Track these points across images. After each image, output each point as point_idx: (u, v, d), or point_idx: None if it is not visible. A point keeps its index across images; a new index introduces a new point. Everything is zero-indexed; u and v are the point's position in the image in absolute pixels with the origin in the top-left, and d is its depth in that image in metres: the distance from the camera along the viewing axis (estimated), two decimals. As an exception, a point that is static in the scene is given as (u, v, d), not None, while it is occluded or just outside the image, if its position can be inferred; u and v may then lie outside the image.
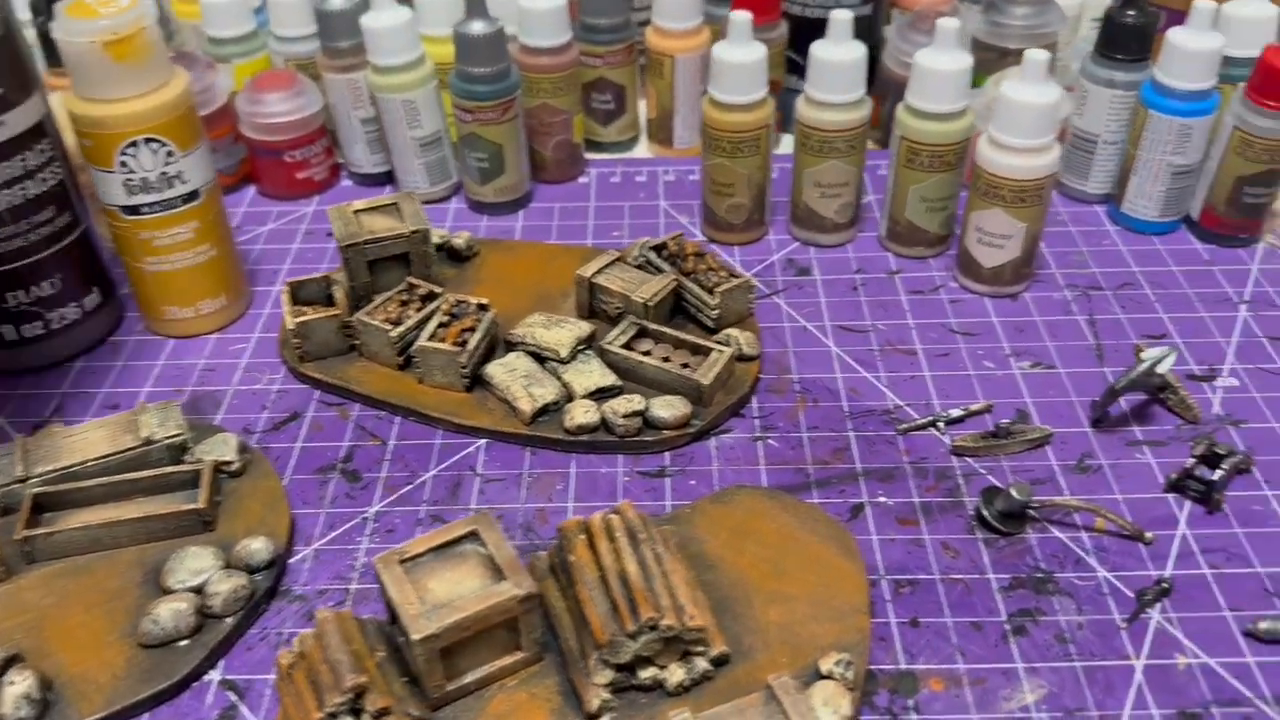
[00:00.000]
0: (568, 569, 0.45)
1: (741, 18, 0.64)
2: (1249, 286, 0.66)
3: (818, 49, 0.64)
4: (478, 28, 0.67)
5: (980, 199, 0.62)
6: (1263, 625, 0.46)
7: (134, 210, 0.59)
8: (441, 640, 0.42)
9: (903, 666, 0.46)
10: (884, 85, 0.76)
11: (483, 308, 0.59)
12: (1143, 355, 0.54)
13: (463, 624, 0.42)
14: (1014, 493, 0.50)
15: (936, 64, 0.62)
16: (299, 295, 0.61)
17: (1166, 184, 0.68)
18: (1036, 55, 0.58)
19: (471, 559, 0.44)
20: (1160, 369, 0.54)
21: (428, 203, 0.75)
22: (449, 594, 0.43)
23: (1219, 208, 0.68)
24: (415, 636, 0.41)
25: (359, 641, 0.44)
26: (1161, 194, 0.68)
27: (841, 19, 0.63)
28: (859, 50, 0.63)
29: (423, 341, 0.57)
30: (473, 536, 0.45)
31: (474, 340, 0.57)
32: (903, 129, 0.64)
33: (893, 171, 0.67)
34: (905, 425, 0.56)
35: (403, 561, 0.44)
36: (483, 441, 0.56)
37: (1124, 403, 0.57)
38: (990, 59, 0.73)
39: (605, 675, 0.43)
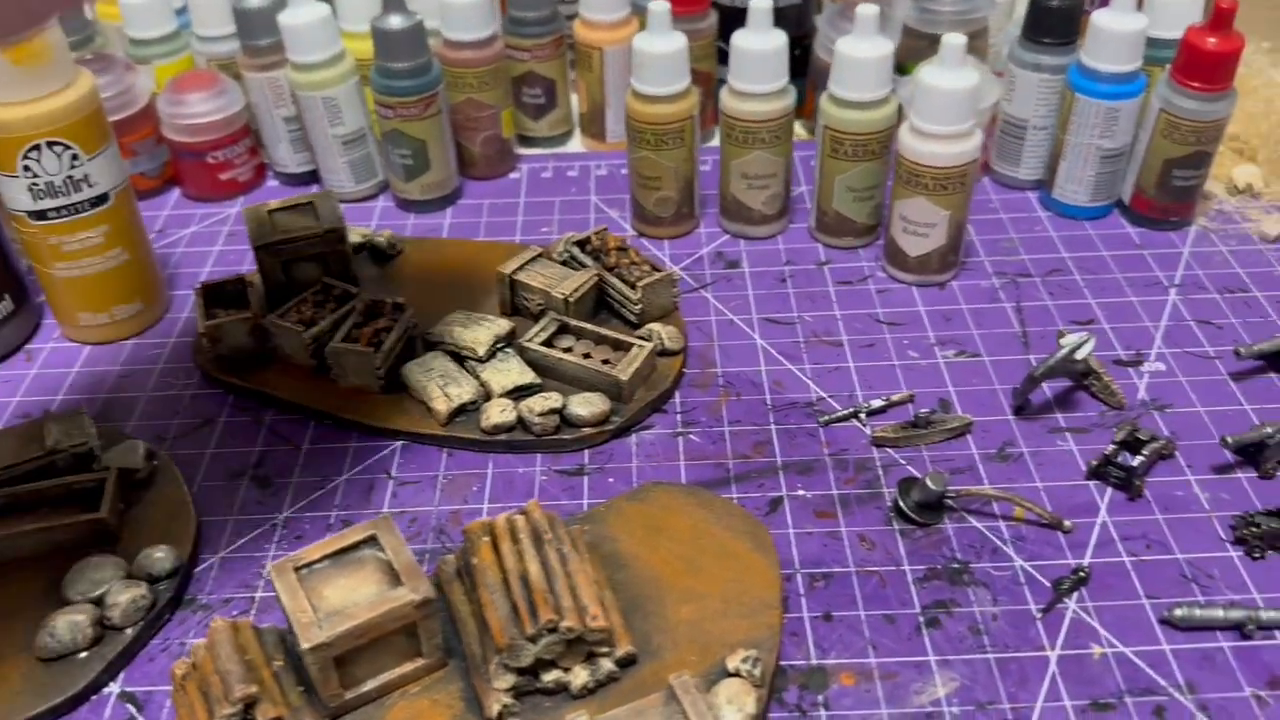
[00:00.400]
0: (471, 572, 0.45)
1: (660, 8, 0.63)
2: (1179, 270, 0.65)
3: (739, 38, 0.63)
4: (395, 22, 0.66)
5: (903, 187, 0.61)
6: (1178, 612, 0.45)
7: (40, 215, 0.58)
8: (334, 648, 0.41)
9: (814, 662, 0.45)
10: (816, 74, 0.76)
11: (399, 307, 0.58)
12: (1062, 341, 0.54)
13: (356, 631, 0.41)
14: (930, 483, 0.49)
15: (857, 51, 0.61)
16: (213, 298, 0.60)
17: (1096, 168, 0.67)
18: (953, 40, 0.58)
19: (369, 564, 0.43)
20: (1080, 355, 0.53)
21: (354, 201, 0.74)
22: (344, 601, 0.42)
23: (1149, 191, 0.67)
24: (306, 645, 0.40)
25: (255, 651, 0.43)
26: (1091, 179, 0.68)
27: (761, 7, 0.62)
28: (780, 39, 0.62)
29: (336, 343, 0.56)
30: (371, 541, 0.44)
31: (389, 340, 0.56)
32: (826, 118, 0.64)
33: (818, 161, 0.66)
34: (827, 417, 0.56)
35: (298, 568, 0.43)
36: (398, 443, 0.55)
37: (1047, 390, 0.57)
38: (921, 46, 0.72)
39: (506, 680, 0.42)
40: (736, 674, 0.43)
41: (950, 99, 0.58)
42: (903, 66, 0.72)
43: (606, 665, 0.43)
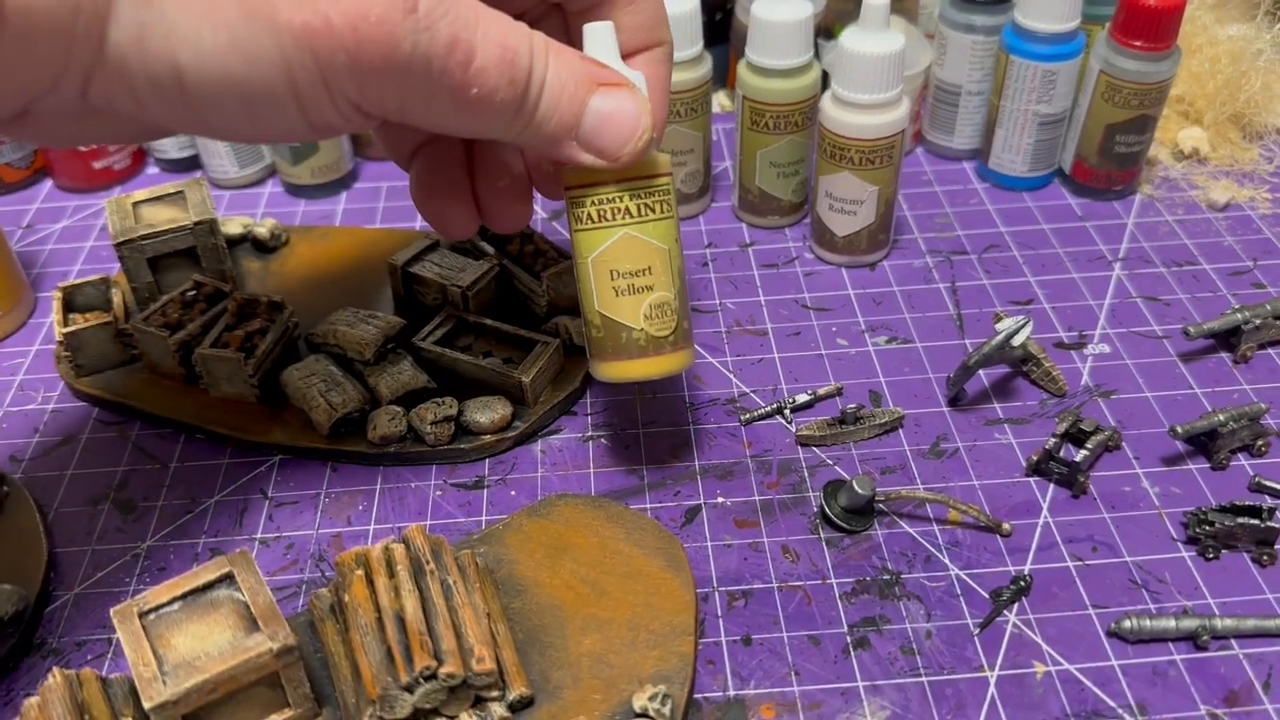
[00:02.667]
0: (343, 610, 0.40)
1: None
2: (1124, 243, 0.62)
3: (647, 2, 0.58)
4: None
5: (828, 162, 0.57)
6: (1126, 624, 0.41)
7: None
8: (182, 706, 0.36)
9: (731, 693, 0.41)
10: (738, 41, 0.71)
11: (276, 306, 0.53)
12: (998, 326, 0.50)
13: (206, 686, 0.36)
14: (857, 487, 0.45)
15: (774, 14, 0.56)
16: (75, 301, 0.54)
17: (1034, 136, 0.63)
18: (876, 1, 0.53)
19: (225, 607, 0.38)
20: (1017, 340, 0.49)
21: (238, 188, 0.68)
22: (193, 650, 0.37)
23: (1090, 159, 0.63)
24: (148, 704, 0.35)
25: (99, 707, 0.38)
26: (1029, 147, 0.64)
27: (670, -32, 0.57)
28: (690, 3, 0.57)
29: (204, 348, 0.50)
30: (228, 580, 0.39)
31: (264, 344, 0.51)
32: (744, 88, 0.59)
33: (739, 135, 0.61)
34: (748, 415, 0.51)
35: (144, 613, 0.38)
36: (276, 459, 0.50)
37: (984, 377, 0.53)
38: (848, 9, 0.67)
39: (381, 733, 0.37)
40: (644, 714, 0.38)
41: (874, 65, 0.53)
42: (830, 30, 0.67)
43: (498, 711, 0.38)
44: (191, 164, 0.69)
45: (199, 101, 0.33)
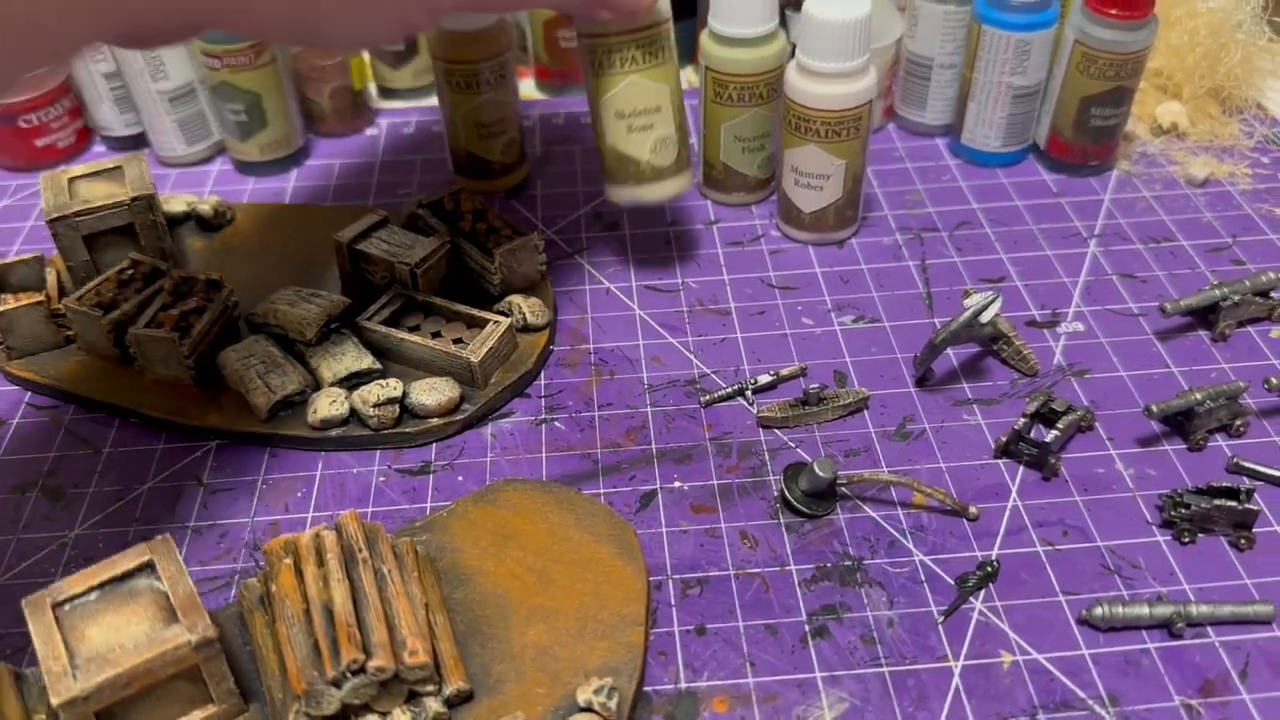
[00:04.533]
0: (270, 601, 0.38)
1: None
2: (1099, 219, 0.60)
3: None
4: (216, -40, 0.58)
5: (793, 135, 0.55)
6: (1098, 611, 0.40)
7: None
8: (94, 702, 0.34)
9: (683, 686, 0.39)
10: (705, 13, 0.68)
11: (213, 284, 0.50)
12: (966, 303, 0.48)
13: (119, 680, 0.34)
14: (818, 470, 0.43)
15: (737, -20, 0.54)
16: (8, 281, 0.52)
17: (1007, 109, 0.61)
18: (840, -36, 0.51)
19: (144, 597, 0.36)
20: (985, 316, 0.47)
21: (186, 166, 0.66)
22: (108, 643, 0.35)
23: (1065, 133, 0.61)
24: (56, 700, 0.33)
25: (11, 705, 0.36)
26: (1003, 121, 0.62)
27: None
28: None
29: (137, 328, 0.48)
30: (148, 569, 0.37)
31: (200, 324, 0.48)
32: (707, 58, 0.57)
33: (702, 108, 0.59)
34: (709, 396, 0.49)
35: (57, 604, 0.36)
36: (213, 444, 0.48)
37: (954, 357, 0.51)
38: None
39: (308, 730, 0.35)
40: (589, 708, 0.36)
41: (839, 32, 0.51)
42: (799, 2, 0.65)
43: (433, 706, 0.36)
44: (139, 142, 0.67)
45: (309, 15, 0.39)
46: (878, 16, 0.62)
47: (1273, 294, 0.52)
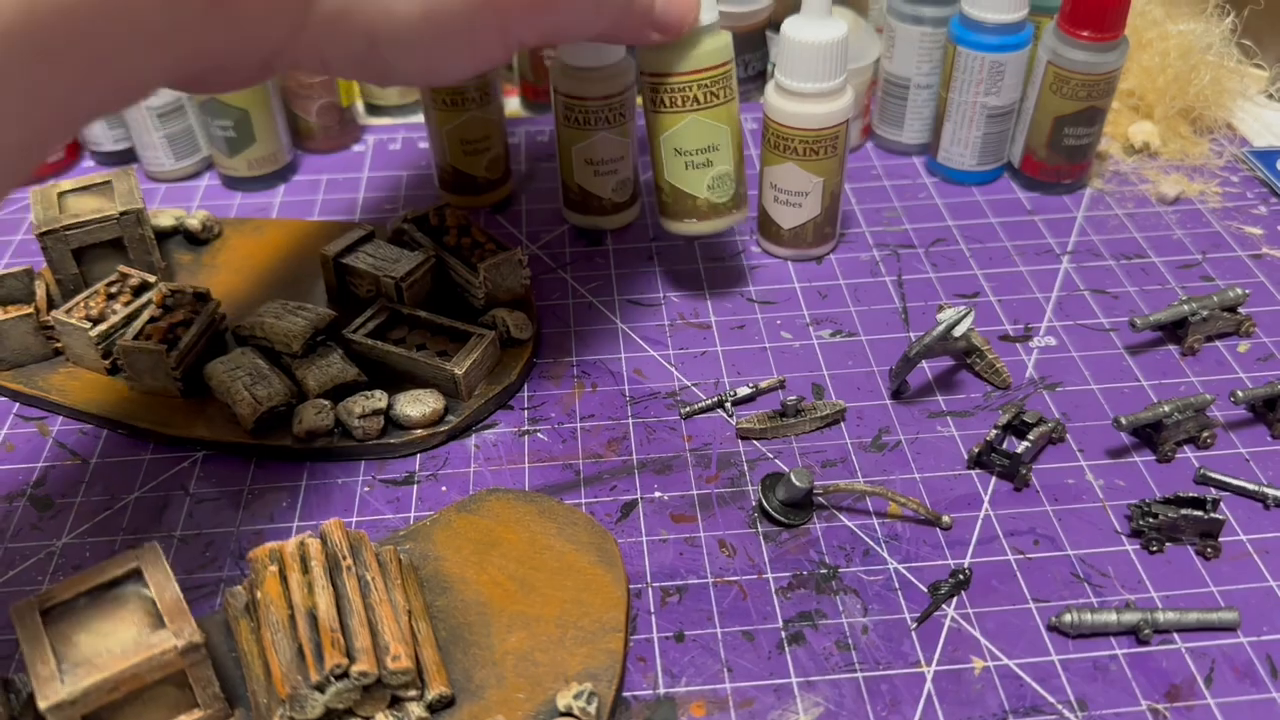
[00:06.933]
0: (256, 607, 0.38)
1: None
2: (1072, 236, 0.61)
3: None
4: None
5: (772, 153, 0.56)
6: (1067, 618, 0.40)
7: None
8: (80, 706, 0.34)
9: (661, 691, 0.39)
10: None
11: (201, 297, 0.51)
12: (939, 317, 0.49)
13: (106, 685, 0.34)
14: (795, 479, 0.44)
15: None
16: (-3, 294, 0.53)
17: (982, 129, 0.62)
18: (816, -13, 0.52)
19: (131, 603, 0.37)
20: (958, 330, 0.48)
21: (175, 181, 0.67)
22: (95, 648, 0.35)
23: (1039, 152, 0.62)
24: (44, 704, 0.34)
25: (-2, 710, 0.36)
26: (978, 140, 0.63)
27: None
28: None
29: (125, 340, 0.49)
30: (135, 575, 0.37)
31: (188, 336, 0.49)
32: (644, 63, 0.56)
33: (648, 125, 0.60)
34: (689, 409, 0.50)
35: (46, 609, 0.36)
36: (200, 454, 0.49)
37: (928, 370, 0.52)
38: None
39: (292, 734, 0.35)
40: (569, 713, 0.37)
41: (816, 53, 0.52)
42: (779, 25, 0.66)
43: (415, 711, 0.37)
44: (128, 157, 0.67)
45: (383, 59, 0.39)
46: (856, 38, 0.63)
47: (1240, 309, 0.54)
